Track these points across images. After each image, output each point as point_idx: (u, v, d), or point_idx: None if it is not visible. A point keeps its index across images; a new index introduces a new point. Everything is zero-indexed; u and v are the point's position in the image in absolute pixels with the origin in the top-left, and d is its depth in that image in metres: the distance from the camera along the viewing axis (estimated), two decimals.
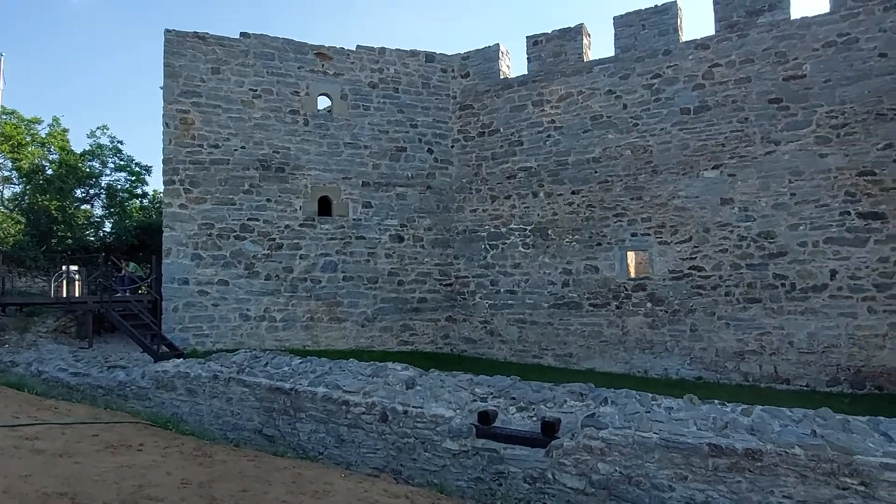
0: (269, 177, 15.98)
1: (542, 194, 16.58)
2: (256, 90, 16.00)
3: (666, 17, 15.27)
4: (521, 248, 16.82)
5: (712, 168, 14.55)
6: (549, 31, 16.74)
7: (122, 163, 32.70)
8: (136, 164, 33.35)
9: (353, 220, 16.72)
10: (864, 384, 12.89)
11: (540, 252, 16.53)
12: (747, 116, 14.25)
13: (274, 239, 15.91)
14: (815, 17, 13.83)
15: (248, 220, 15.74)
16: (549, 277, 16.35)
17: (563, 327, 16.09)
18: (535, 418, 8.83)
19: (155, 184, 47.76)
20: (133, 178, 33.25)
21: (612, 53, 16.02)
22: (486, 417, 8.66)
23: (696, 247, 14.62)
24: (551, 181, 16.47)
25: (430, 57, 17.88)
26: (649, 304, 15.07)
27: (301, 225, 16.19)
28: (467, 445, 8.64)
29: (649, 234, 15.17)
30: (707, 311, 14.42)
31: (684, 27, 15.54)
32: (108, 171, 32.75)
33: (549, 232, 16.42)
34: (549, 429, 8.25)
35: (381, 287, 16.85)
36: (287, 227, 16.05)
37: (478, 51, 17.85)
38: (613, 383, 13.92)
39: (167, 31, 15.32)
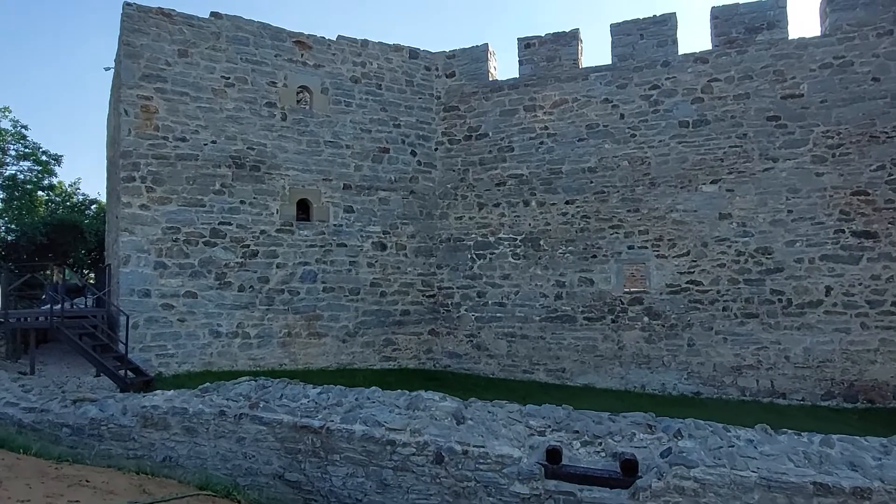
0: (243, 176, 14.28)
1: (533, 203, 15.97)
2: (229, 78, 14.24)
3: (665, 28, 15.12)
4: (510, 259, 16.12)
5: (711, 182, 14.53)
6: (543, 35, 16.16)
7: (27, 150, 28.93)
8: (44, 152, 29.66)
9: (334, 225, 15.32)
10: (856, 398, 13.27)
11: (531, 263, 15.91)
12: (746, 132, 14.35)
13: (248, 245, 14.23)
14: (812, 38, 14.13)
15: (220, 223, 13.96)
16: (541, 290, 15.76)
17: (555, 341, 15.56)
18: (603, 454, 8.14)
19: (65, 175, 42.69)
20: (40, 167, 29.53)
21: (608, 61, 15.69)
22: (555, 455, 7.86)
23: (694, 261, 14.55)
24: (544, 190, 15.89)
25: (413, 53, 16.78)
26: (646, 319, 14.85)
27: (278, 230, 14.60)
28: (539, 489, 7.78)
29: (646, 248, 14.95)
30: (705, 326, 14.38)
31: (679, 39, 15.46)
32: (9, 160, 28.91)
33: (542, 242, 15.84)
34: (631, 468, 7.56)
35: (364, 299, 15.57)
36: (263, 232, 14.41)
37: (464, 50, 16.96)
38: (617, 400, 13.59)
39: (127, 3, 13.27)
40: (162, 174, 13.40)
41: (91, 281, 19.90)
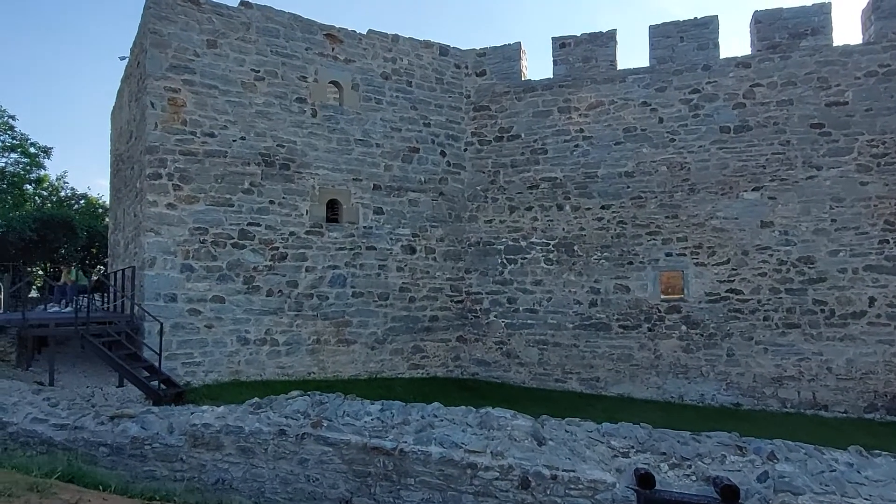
0: (273, 174, 13.57)
1: (567, 207, 15.54)
2: (259, 71, 13.52)
3: (706, 32, 14.81)
4: (543, 264, 15.67)
5: (752, 189, 14.27)
6: (579, 34, 15.73)
7: (14, 142, 27.61)
8: (32, 144, 28.36)
9: (364, 227, 14.70)
10: None
11: (565, 269, 15.49)
12: (789, 139, 14.11)
13: (277, 248, 13.53)
14: (856, 46, 13.95)
15: (248, 224, 13.24)
16: (575, 296, 15.35)
17: (589, 350, 15.16)
18: (693, 477, 7.72)
19: (55, 168, 40.76)
20: (27, 160, 28.23)
21: (645, 64, 15.33)
22: (648, 480, 7.43)
23: (734, 269, 14.28)
24: (579, 194, 15.47)
25: (443, 50, 16.21)
26: (684, 327, 14.53)
27: (307, 232, 13.92)
28: None
29: (685, 255, 14.63)
30: (745, 336, 14.12)
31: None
32: None
33: (576, 248, 15.42)
34: (732, 494, 7.16)
35: (392, 304, 14.98)
36: (292, 234, 13.72)
37: (496, 48, 16.45)
38: (661, 412, 13.21)
39: None
40: (189, 171, 12.64)
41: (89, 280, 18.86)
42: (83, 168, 61.38)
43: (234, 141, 13.15)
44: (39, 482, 4.90)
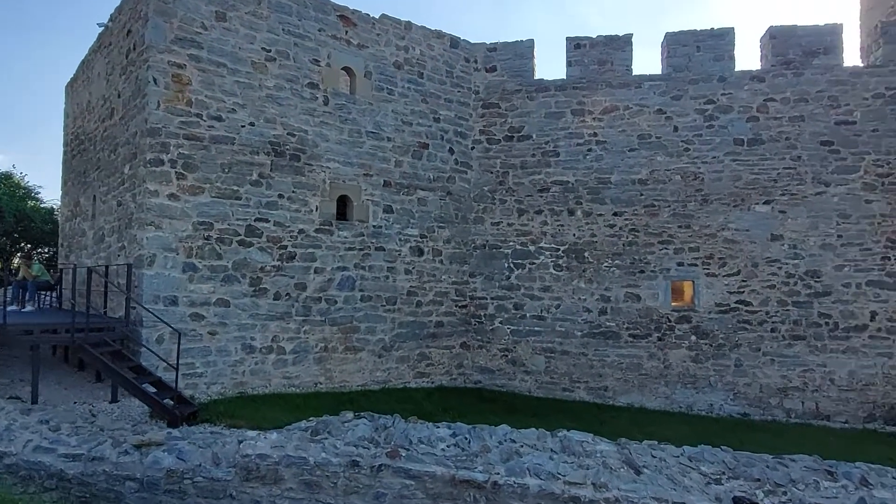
0: (283, 166, 12.32)
1: (579, 213, 15.17)
2: (270, 51, 12.21)
3: (722, 43, 14.82)
4: (552, 270, 15.23)
5: (763, 203, 14.44)
6: (594, 36, 15.37)
7: None
8: None
9: (374, 227, 13.69)
10: None
11: (574, 276, 15.12)
12: (800, 155, 14.37)
13: (286, 247, 12.30)
14: (865, 68, 14.38)
15: (256, 220, 11.95)
16: (584, 304, 15.02)
17: (598, 359, 14.88)
18: None
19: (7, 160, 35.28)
20: None
21: (660, 71, 15.21)
22: None
23: (744, 281, 14.41)
24: (591, 199, 15.14)
25: (454, 42, 15.39)
26: (693, 337, 14.53)
27: (317, 230, 12.77)
28: None
29: (696, 265, 14.63)
30: (752, 347, 14.29)
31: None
32: None
33: (586, 254, 15.09)
34: None
35: (400, 309, 14.07)
36: (301, 231, 12.53)
37: (507, 44, 15.79)
38: (684, 424, 13.07)
39: None
40: (194, 159, 11.21)
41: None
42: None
43: (242, 126, 11.81)
44: None
